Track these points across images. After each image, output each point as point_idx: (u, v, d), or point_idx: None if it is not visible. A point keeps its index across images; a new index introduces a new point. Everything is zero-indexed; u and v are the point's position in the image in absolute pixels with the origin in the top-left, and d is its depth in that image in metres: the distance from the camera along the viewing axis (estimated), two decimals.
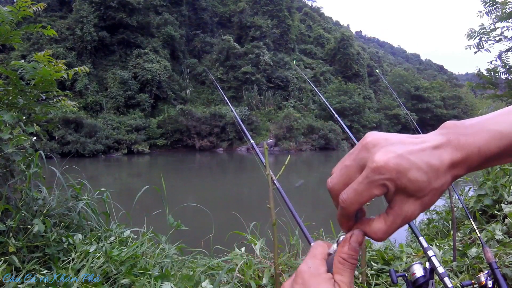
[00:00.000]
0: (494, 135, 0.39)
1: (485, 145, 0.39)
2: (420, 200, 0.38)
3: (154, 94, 33.44)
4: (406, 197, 0.38)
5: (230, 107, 2.20)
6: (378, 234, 0.40)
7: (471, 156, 0.39)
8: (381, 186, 0.37)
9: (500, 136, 0.39)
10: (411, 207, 0.39)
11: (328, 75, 44.72)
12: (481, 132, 0.39)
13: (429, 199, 0.39)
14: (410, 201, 0.38)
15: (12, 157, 2.12)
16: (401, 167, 0.37)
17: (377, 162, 0.37)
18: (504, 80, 5.15)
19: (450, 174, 0.39)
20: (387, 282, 2.21)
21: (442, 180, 0.38)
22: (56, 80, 2.55)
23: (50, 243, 2.06)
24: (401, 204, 0.38)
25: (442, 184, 0.39)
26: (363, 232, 0.40)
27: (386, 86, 42.94)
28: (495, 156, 0.39)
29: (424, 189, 0.38)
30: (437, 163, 0.38)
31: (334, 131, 33.12)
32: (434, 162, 0.38)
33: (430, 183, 0.38)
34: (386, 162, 0.37)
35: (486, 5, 4.71)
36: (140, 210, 3.05)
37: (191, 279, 1.98)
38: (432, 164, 0.38)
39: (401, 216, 0.39)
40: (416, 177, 0.37)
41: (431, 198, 0.39)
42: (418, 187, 0.38)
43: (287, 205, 1.59)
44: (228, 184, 16.28)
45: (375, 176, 0.37)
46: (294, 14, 48.34)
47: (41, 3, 2.69)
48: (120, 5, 34.04)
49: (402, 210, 0.39)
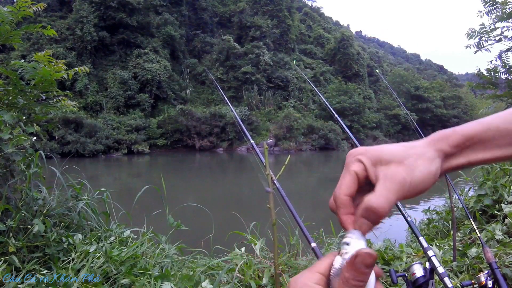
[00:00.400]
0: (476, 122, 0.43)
1: (460, 128, 0.42)
2: (402, 163, 0.39)
3: (154, 94, 33.44)
4: (385, 165, 0.39)
5: (230, 107, 2.20)
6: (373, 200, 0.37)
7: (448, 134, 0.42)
8: (356, 161, 0.40)
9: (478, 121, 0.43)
10: (395, 170, 0.39)
11: (328, 75, 44.72)
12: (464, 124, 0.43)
13: (412, 161, 0.40)
14: (391, 166, 0.39)
15: (12, 157, 2.12)
16: (370, 147, 0.41)
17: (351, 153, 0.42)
18: (504, 80, 5.15)
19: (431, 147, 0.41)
20: (387, 282, 2.21)
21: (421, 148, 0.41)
22: (56, 80, 2.55)
23: (50, 243, 2.05)
24: (384, 171, 0.39)
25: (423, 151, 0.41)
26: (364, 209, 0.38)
27: (386, 86, 42.95)
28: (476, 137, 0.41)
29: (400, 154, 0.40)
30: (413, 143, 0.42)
31: (334, 131, 33.13)
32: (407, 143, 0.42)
33: (406, 150, 0.40)
34: (357, 148, 0.42)
35: (486, 5, 4.71)
36: (140, 210, 3.05)
37: (191, 279, 1.98)
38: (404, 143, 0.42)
39: (387, 179, 0.38)
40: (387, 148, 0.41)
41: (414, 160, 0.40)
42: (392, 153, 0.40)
43: (287, 205, 1.59)
44: (228, 184, 16.28)
45: (349, 157, 0.41)
46: (294, 14, 48.33)
47: (41, 3, 2.69)
48: (120, 5, 34.03)
49: (386, 175, 0.39)
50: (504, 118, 0.42)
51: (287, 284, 0.44)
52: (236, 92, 37.78)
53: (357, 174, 0.40)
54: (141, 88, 33.02)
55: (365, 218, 0.38)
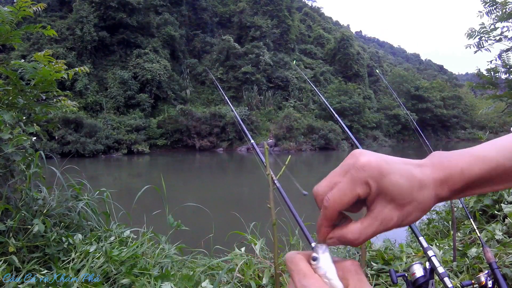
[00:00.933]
0: (478, 158, 0.39)
1: (468, 167, 0.39)
2: (401, 208, 0.38)
3: (154, 94, 33.43)
4: (386, 201, 0.38)
5: (231, 107, 2.20)
6: (352, 233, 0.38)
7: (453, 177, 0.39)
8: (364, 184, 0.37)
9: (484, 159, 0.39)
10: (390, 213, 0.38)
11: (328, 75, 44.71)
12: (465, 155, 0.40)
13: (411, 210, 0.38)
14: (390, 206, 0.38)
15: (12, 157, 2.12)
16: (384, 168, 0.37)
17: (361, 160, 0.38)
18: (504, 80, 5.14)
19: (434, 191, 0.39)
20: (387, 282, 2.21)
21: (425, 193, 0.38)
22: (56, 80, 2.55)
23: (50, 243, 2.05)
24: (381, 207, 0.38)
25: (425, 199, 0.39)
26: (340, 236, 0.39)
27: (386, 86, 42.96)
28: (479, 180, 0.39)
29: (405, 196, 0.38)
30: (420, 175, 0.39)
31: (334, 131, 33.12)
32: (416, 173, 0.39)
33: (412, 192, 0.38)
34: (369, 161, 0.38)
35: (486, 5, 4.70)
36: (140, 210, 3.05)
37: (191, 279, 1.98)
38: (415, 174, 0.38)
39: (378, 219, 0.38)
40: (398, 181, 0.38)
41: (413, 209, 0.38)
42: (400, 192, 0.38)
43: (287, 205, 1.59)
44: (228, 184, 16.28)
45: (359, 173, 0.37)
46: (294, 14, 48.33)
47: (41, 3, 2.69)
48: (120, 5, 34.02)
49: (381, 213, 0.38)
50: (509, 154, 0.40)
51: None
52: (236, 92, 37.78)
53: (358, 196, 0.38)
54: (141, 88, 33.01)
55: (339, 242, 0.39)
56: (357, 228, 0.38)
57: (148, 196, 3.00)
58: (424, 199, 0.39)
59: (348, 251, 2.59)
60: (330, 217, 0.39)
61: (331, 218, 0.39)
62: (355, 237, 0.38)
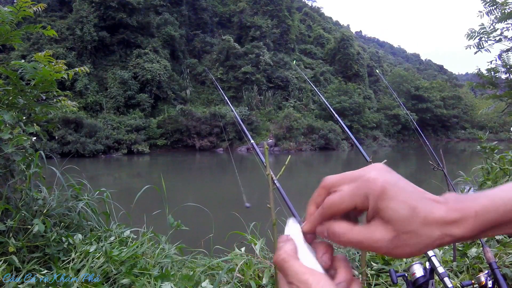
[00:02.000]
0: (494, 201, 0.38)
1: (482, 209, 0.38)
2: (396, 234, 0.37)
3: (154, 94, 33.42)
4: (383, 222, 0.37)
5: (231, 107, 2.20)
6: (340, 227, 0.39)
7: (467, 219, 0.37)
8: (363, 197, 0.38)
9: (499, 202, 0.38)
10: (382, 234, 0.37)
11: (328, 75, 44.72)
12: (480, 198, 0.39)
13: (407, 240, 0.37)
14: (385, 227, 0.37)
15: (12, 157, 2.12)
16: (387, 190, 0.37)
17: (370, 175, 0.38)
18: (504, 80, 5.15)
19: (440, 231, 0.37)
20: (387, 282, 2.21)
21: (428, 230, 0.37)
22: (56, 80, 2.55)
23: (50, 243, 2.05)
24: (376, 225, 0.38)
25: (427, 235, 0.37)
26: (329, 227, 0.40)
27: (386, 86, 42.94)
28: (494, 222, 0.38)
29: (403, 225, 0.37)
30: (426, 211, 0.37)
31: (334, 131, 33.12)
32: (423, 207, 0.37)
33: (413, 223, 0.37)
34: (376, 178, 0.38)
35: (486, 5, 4.70)
36: (140, 210, 3.05)
37: (191, 279, 1.98)
38: (420, 207, 0.37)
39: (369, 233, 0.38)
40: (397, 208, 0.37)
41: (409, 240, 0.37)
42: (397, 217, 0.37)
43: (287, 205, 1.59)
44: (228, 184, 16.28)
45: (362, 186, 0.38)
46: (294, 14, 48.33)
47: (41, 4, 2.69)
48: (120, 5, 34.01)
49: (373, 228, 0.38)
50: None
51: None
52: (236, 92, 37.78)
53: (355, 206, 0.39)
54: (141, 88, 33.00)
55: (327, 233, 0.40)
56: (346, 227, 0.39)
57: (148, 196, 3.00)
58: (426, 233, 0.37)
59: (348, 250, 2.59)
60: (324, 217, 0.40)
61: (324, 217, 0.40)
62: (341, 231, 0.39)
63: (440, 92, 49.30)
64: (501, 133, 41.12)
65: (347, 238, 0.38)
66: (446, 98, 48.89)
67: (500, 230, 0.38)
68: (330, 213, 0.40)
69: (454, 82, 64.90)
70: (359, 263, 2.36)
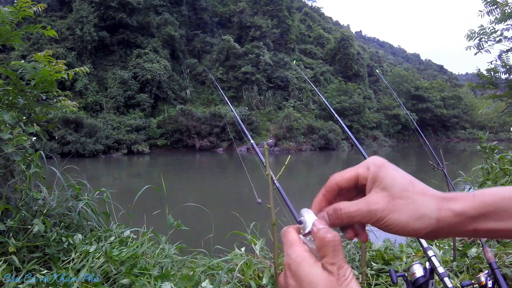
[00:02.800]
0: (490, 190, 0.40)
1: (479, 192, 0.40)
2: (391, 198, 0.39)
3: (154, 94, 33.42)
4: (380, 189, 0.40)
5: (230, 107, 2.20)
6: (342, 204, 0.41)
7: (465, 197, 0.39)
8: (365, 167, 0.42)
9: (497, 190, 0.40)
10: (378, 197, 0.39)
11: (328, 75, 44.71)
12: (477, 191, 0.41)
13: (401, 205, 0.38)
14: (381, 193, 0.39)
15: (12, 157, 2.12)
16: (387, 163, 0.41)
17: (372, 158, 0.43)
18: (504, 80, 5.15)
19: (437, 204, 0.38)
20: (387, 282, 2.21)
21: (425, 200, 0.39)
22: (56, 80, 2.55)
23: (50, 243, 2.05)
24: (373, 193, 0.40)
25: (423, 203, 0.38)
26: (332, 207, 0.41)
27: (386, 86, 42.94)
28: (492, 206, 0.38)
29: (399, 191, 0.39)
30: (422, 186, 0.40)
31: (334, 131, 33.12)
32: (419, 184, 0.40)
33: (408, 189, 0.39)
34: (378, 158, 0.42)
35: (487, 5, 4.70)
36: (140, 210, 3.05)
37: (191, 279, 1.98)
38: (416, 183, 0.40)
39: (366, 200, 0.40)
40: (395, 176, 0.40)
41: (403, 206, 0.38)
42: (393, 183, 0.39)
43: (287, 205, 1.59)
44: (228, 184, 16.27)
45: (366, 161, 0.42)
46: (294, 14, 48.31)
47: (42, 4, 2.69)
48: (120, 5, 34.02)
49: (370, 196, 0.40)
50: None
51: None
52: (236, 92, 37.78)
53: (357, 176, 0.42)
54: (141, 88, 33.00)
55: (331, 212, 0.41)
56: (346, 202, 0.41)
57: (148, 196, 3.00)
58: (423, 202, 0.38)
59: (348, 250, 2.59)
60: (329, 188, 0.43)
61: (330, 189, 0.43)
62: (341, 206, 0.41)
63: (440, 92, 49.30)
64: (501, 133, 41.12)
65: (347, 211, 0.40)
66: (446, 98, 48.90)
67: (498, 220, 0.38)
68: (333, 182, 0.42)
69: (454, 82, 64.95)
70: (359, 263, 2.37)
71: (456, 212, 0.38)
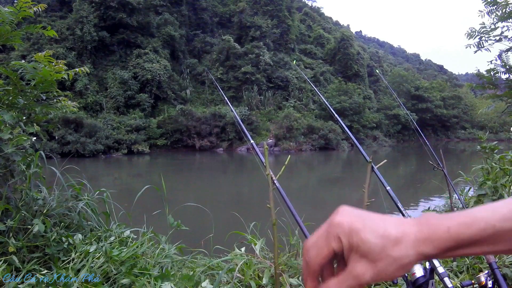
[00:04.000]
0: (467, 218, 0.39)
1: (455, 225, 0.39)
2: (373, 264, 0.39)
3: (154, 94, 33.42)
4: (359, 257, 0.39)
5: (230, 107, 2.20)
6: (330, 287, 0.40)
7: (439, 234, 0.39)
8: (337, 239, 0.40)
9: (474, 219, 0.39)
10: (363, 268, 0.39)
11: (328, 75, 44.70)
12: (455, 215, 0.40)
13: (384, 266, 0.39)
14: (362, 262, 0.39)
15: (12, 157, 2.12)
16: (355, 226, 0.40)
17: (336, 218, 0.41)
18: (504, 80, 5.15)
19: (414, 249, 0.39)
20: (387, 282, 2.21)
21: (402, 251, 0.38)
22: (56, 80, 2.55)
23: (50, 243, 2.05)
24: (354, 263, 0.40)
25: (401, 256, 0.39)
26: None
27: (386, 86, 42.91)
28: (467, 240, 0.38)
29: (377, 253, 0.38)
30: (396, 232, 0.39)
31: (334, 131, 33.11)
32: (393, 231, 0.39)
33: (385, 249, 0.39)
34: (342, 219, 0.40)
35: (487, 5, 4.70)
36: (140, 210, 3.05)
37: (191, 279, 1.98)
38: (390, 231, 0.39)
39: (351, 275, 0.39)
40: (368, 238, 0.39)
41: (387, 266, 0.39)
42: (369, 248, 0.39)
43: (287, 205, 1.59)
44: (228, 184, 16.28)
45: (333, 230, 0.40)
46: (294, 14, 48.31)
47: (42, 4, 2.69)
48: (120, 5, 34.02)
49: (354, 269, 0.39)
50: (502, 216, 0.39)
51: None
52: (236, 92, 37.78)
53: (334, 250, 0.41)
54: (141, 88, 33.01)
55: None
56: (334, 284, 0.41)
57: (148, 196, 3.00)
58: (401, 255, 0.39)
59: None
60: (313, 272, 0.42)
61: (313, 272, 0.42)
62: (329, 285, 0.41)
63: (440, 92, 49.30)
64: (501, 133, 41.13)
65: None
66: (446, 98, 48.89)
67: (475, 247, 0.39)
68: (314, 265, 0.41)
69: (454, 82, 64.96)
70: None
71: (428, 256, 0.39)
